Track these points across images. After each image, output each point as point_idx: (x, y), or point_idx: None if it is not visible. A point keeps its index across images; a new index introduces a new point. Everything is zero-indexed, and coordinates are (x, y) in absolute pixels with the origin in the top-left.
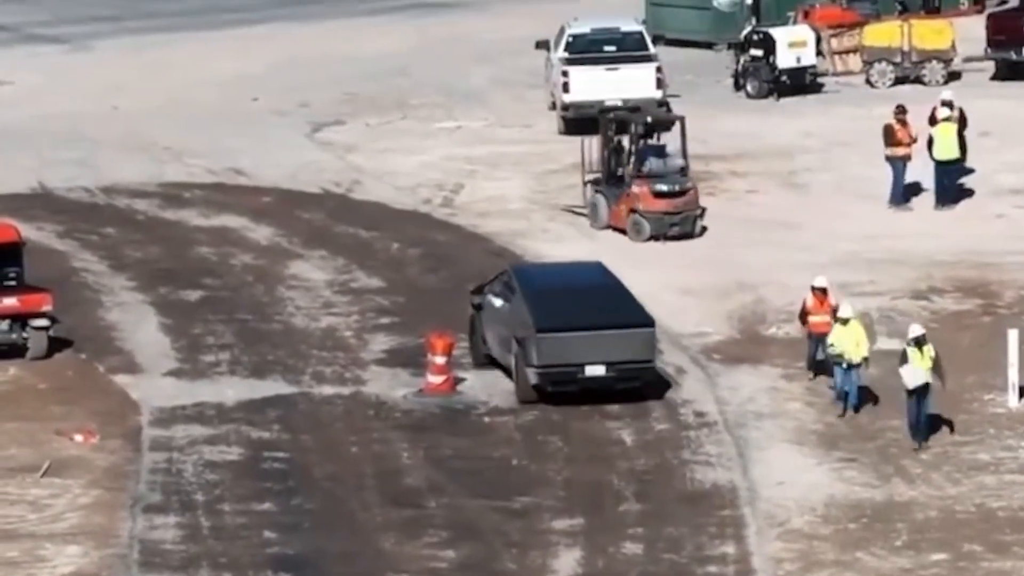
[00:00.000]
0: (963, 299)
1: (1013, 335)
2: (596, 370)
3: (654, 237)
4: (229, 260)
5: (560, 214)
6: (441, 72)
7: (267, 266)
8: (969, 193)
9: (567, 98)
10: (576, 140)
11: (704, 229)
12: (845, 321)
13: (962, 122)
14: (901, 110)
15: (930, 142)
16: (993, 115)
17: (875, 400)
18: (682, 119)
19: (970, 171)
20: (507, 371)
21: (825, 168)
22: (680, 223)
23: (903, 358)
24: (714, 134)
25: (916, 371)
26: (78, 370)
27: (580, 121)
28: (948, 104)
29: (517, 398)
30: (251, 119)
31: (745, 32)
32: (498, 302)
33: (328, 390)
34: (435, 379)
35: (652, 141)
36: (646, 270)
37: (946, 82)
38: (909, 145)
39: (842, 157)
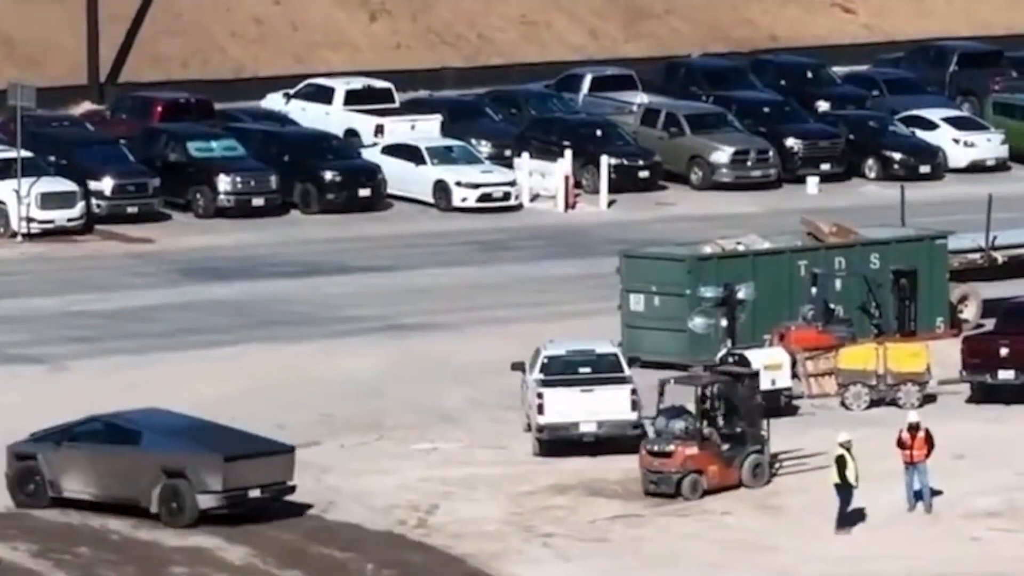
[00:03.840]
0: None
1: None
2: (256, 492)
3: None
4: None
5: (535, 536)
6: (416, 393)
7: None
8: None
9: (542, 420)
10: (551, 462)
11: (703, 494)
12: None
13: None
14: None
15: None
16: (968, 438)
17: None
18: (724, 380)
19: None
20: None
21: (800, 490)
22: (658, 482)
23: None
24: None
25: None
26: None
27: (555, 443)
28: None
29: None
30: None
31: (720, 354)
32: (106, 447)
33: None
34: None
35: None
36: None
37: (921, 405)
38: None
39: (817, 479)
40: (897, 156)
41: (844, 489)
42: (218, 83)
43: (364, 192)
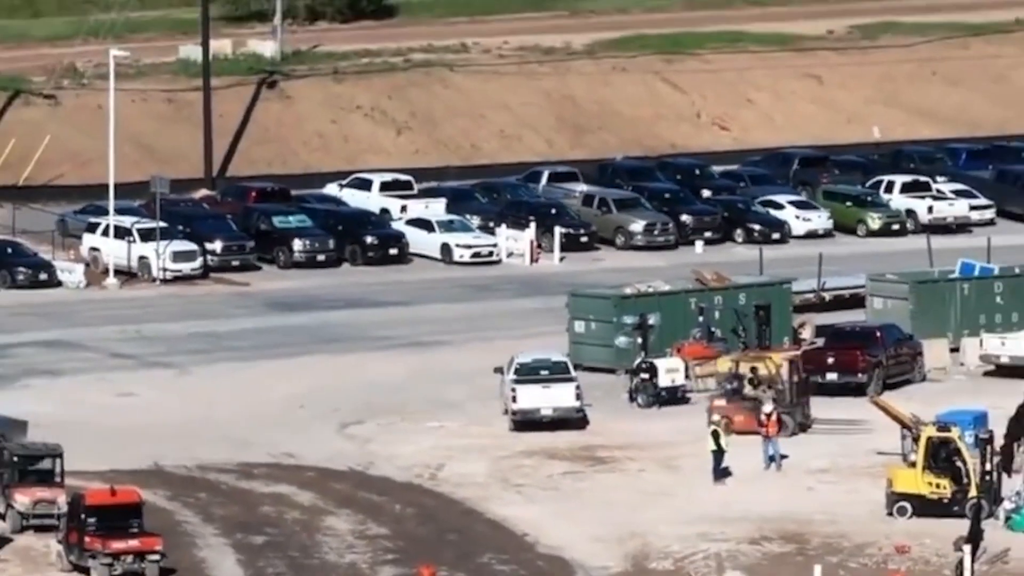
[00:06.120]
0: (784, 544)
1: (817, 569)
2: None
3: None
4: (284, 515)
5: (511, 486)
6: (429, 388)
7: (309, 520)
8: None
9: (515, 407)
10: (521, 435)
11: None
12: None
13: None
14: None
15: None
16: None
17: None
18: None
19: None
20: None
21: (694, 455)
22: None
23: None
24: (614, 432)
25: None
26: None
27: (524, 423)
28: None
29: None
30: (299, 420)
31: (637, 362)
32: None
33: None
34: None
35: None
36: (572, 524)
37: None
38: None
39: (705, 448)
40: (757, 227)
41: (718, 454)
42: (293, 177)
43: (393, 251)
